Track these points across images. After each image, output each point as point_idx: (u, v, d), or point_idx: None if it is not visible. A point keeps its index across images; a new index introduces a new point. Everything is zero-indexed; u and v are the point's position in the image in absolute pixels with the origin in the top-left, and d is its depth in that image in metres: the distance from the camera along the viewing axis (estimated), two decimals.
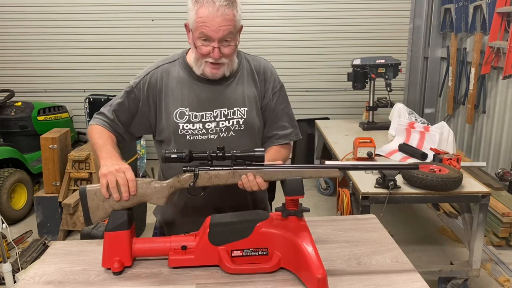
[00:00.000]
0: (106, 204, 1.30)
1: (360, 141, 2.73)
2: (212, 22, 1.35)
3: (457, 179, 2.27)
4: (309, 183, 4.49)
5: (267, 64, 1.61)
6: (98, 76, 5.24)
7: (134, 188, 1.29)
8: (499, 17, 3.64)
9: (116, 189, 1.27)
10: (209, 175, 1.28)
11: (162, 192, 1.32)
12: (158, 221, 1.68)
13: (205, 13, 1.34)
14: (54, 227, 3.43)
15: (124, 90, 1.55)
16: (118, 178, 1.27)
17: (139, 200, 1.31)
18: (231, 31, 1.38)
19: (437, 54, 5.08)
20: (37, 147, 3.74)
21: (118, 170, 1.29)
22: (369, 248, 1.45)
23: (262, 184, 1.29)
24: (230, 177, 1.29)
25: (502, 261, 2.98)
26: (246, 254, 1.29)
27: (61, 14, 5.09)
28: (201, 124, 1.49)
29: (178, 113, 1.49)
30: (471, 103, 4.12)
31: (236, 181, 1.29)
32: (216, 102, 1.50)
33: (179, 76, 1.52)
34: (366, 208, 2.29)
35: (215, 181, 1.29)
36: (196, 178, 1.28)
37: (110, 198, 1.28)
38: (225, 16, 1.35)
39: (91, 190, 1.30)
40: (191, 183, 1.28)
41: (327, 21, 5.16)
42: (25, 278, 1.30)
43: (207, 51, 1.40)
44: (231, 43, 1.40)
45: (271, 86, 1.58)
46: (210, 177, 1.28)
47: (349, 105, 5.15)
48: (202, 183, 1.29)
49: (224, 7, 1.34)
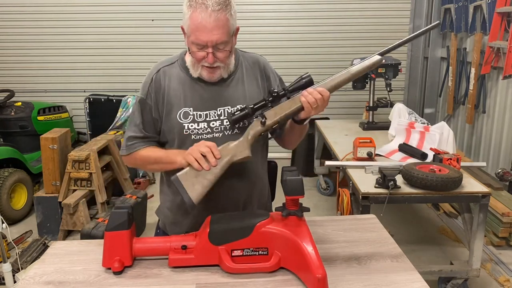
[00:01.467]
0: (200, 178, 1.35)
1: (360, 141, 2.73)
2: (204, 29, 1.33)
3: (457, 179, 2.27)
4: (309, 183, 4.49)
5: (264, 59, 1.62)
6: (98, 76, 5.25)
7: (217, 151, 1.35)
8: (499, 17, 3.64)
9: (203, 159, 1.34)
10: (273, 110, 1.38)
11: (243, 145, 1.39)
12: (161, 221, 1.68)
13: (198, 18, 1.33)
14: (54, 227, 3.44)
15: (137, 104, 1.53)
16: (201, 148, 1.35)
17: (227, 162, 1.37)
18: (224, 36, 1.37)
19: (437, 54, 5.08)
20: (37, 147, 3.74)
21: (197, 145, 1.37)
22: (369, 248, 1.45)
23: (323, 91, 1.36)
24: (292, 104, 1.37)
25: (502, 261, 2.98)
26: (246, 254, 1.29)
27: (61, 14, 5.09)
28: (206, 123, 1.49)
29: (182, 113, 1.49)
30: (471, 103, 4.12)
31: (299, 104, 1.36)
32: (219, 100, 1.50)
33: (179, 77, 1.52)
34: (366, 208, 2.29)
35: (280, 112, 1.38)
36: (264, 117, 1.38)
37: (201, 172, 1.34)
38: (218, 22, 1.33)
39: (182, 174, 1.37)
40: (262, 121, 1.38)
41: (326, 21, 5.16)
42: (25, 278, 1.30)
43: (202, 56, 1.40)
44: (225, 48, 1.40)
45: (273, 80, 1.60)
46: (275, 112, 1.38)
47: (349, 105, 5.15)
48: (271, 120, 1.38)
49: (216, 12, 1.33)
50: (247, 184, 1.56)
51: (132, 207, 1.37)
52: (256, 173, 1.59)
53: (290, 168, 1.31)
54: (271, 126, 1.40)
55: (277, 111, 1.38)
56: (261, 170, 1.62)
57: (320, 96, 1.35)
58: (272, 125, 1.39)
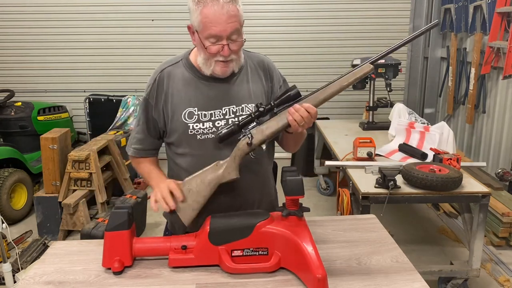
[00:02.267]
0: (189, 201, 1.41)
1: (360, 141, 2.73)
2: (219, 20, 1.34)
3: (457, 179, 2.27)
4: (309, 183, 4.49)
5: (268, 59, 1.63)
6: (98, 76, 5.24)
7: (179, 193, 1.40)
8: (499, 17, 3.64)
9: (167, 199, 1.39)
10: (260, 129, 1.38)
11: (231, 166, 1.40)
12: (170, 222, 1.67)
13: (211, 12, 1.34)
14: (54, 227, 3.44)
15: (141, 103, 1.58)
16: (162, 192, 1.41)
17: (216, 184, 1.40)
18: (238, 27, 1.38)
19: (437, 54, 5.08)
20: (37, 147, 3.74)
21: (162, 186, 1.44)
22: (369, 248, 1.45)
23: (310, 107, 1.34)
24: (279, 121, 1.37)
25: (502, 261, 2.98)
26: (246, 254, 1.29)
27: (61, 14, 5.09)
28: (211, 123, 1.49)
29: (186, 113, 1.49)
30: (471, 103, 4.12)
31: (285, 121, 1.36)
32: (224, 99, 1.50)
33: (184, 77, 1.52)
34: (366, 208, 2.29)
35: (267, 131, 1.38)
36: (251, 137, 1.37)
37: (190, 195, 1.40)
38: (231, 12, 1.35)
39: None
40: (248, 141, 1.37)
41: (327, 21, 5.16)
42: (25, 278, 1.31)
43: (217, 50, 1.39)
44: (238, 39, 1.40)
45: (277, 81, 1.60)
46: (262, 130, 1.38)
47: (349, 105, 5.15)
48: (258, 139, 1.38)
49: (228, 4, 1.34)
50: (260, 183, 1.59)
51: (132, 207, 1.37)
52: (267, 172, 1.61)
53: (290, 168, 1.31)
54: (259, 145, 1.39)
55: (263, 130, 1.38)
56: (269, 168, 1.64)
57: (306, 114, 1.34)
58: (259, 144, 1.39)
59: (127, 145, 1.66)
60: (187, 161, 1.52)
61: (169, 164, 1.61)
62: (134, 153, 1.62)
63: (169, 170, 1.63)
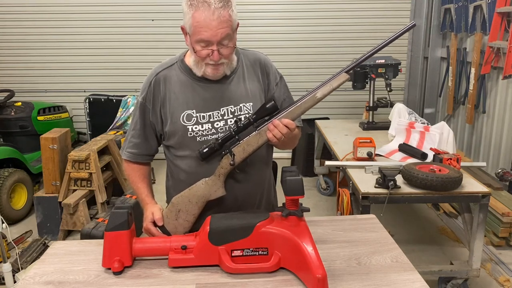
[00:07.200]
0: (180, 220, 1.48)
1: (360, 141, 2.73)
2: (209, 26, 1.33)
3: (457, 179, 2.27)
4: (309, 183, 4.49)
5: (265, 56, 1.62)
6: (98, 76, 5.25)
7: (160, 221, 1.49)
8: (499, 17, 3.64)
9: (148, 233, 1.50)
10: (241, 146, 1.41)
11: (216, 184, 1.44)
12: None
13: (201, 17, 1.33)
14: (54, 227, 3.43)
15: (137, 108, 1.57)
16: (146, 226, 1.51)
17: (203, 202, 1.46)
18: (228, 32, 1.37)
19: (437, 54, 5.08)
20: (37, 147, 3.74)
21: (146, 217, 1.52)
22: (369, 248, 1.45)
23: (289, 123, 1.37)
24: (259, 138, 1.40)
25: (502, 261, 2.98)
26: (246, 254, 1.29)
27: (61, 14, 5.09)
28: (210, 124, 1.49)
29: (185, 116, 1.49)
30: (471, 103, 4.12)
31: (265, 138, 1.40)
32: (222, 100, 1.50)
33: (180, 79, 1.51)
34: (366, 208, 2.29)
35: (249, 149, 1.41)
36: (232, 155, 1.40)
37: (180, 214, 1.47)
38: (221, 18, 1.33)
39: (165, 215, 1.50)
40: (231, 161, 1.40)
41: (327, 21, 5.16)
42: (25, 278, 1.30)
43: (206, 54, 1.39)
44: (229, 44, 1.40)
45: (273, 78, 1.60)
46: (243, 148, 1.41)
47: (349, 105, 5.15)
48: (240, 157, 1.41)
49: (219, 9, 1.33)
50: (261, 184, 1.59)
51: (132, 207, 1.37)
52: (266, 173, 1.62)
53: (290, 168, 1.31)
54: (241, 163, 1.43)
55: (245, 147, 1.41)
56: (268, 168, 1.65)
57: (286, 130, 1.37)
58: (241, 161, 1.43)
59: (122, 148, 1.64)
60: (187, 163, 1.52)
61: (168, 166, 1.62)
62: (129, 157, 1.61)
63: (169, 171, 1.63)
